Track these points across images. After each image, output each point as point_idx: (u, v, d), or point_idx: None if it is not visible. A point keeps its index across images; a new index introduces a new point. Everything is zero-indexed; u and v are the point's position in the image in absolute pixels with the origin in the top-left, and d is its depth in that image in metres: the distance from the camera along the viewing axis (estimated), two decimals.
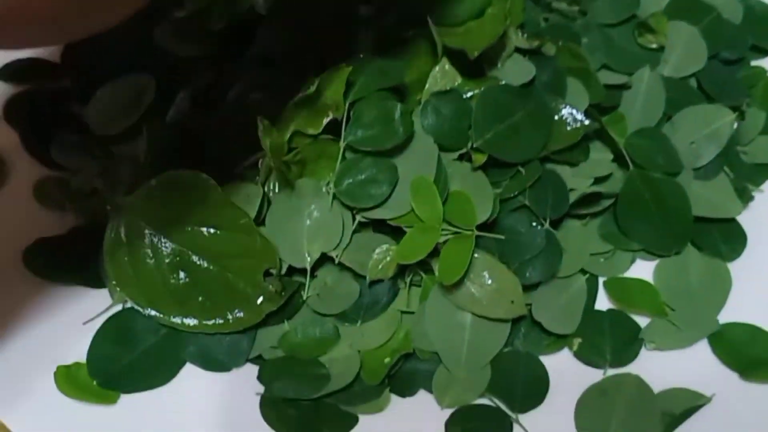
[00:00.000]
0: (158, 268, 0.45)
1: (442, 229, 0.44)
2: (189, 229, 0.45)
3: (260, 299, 0.45)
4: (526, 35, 0.51)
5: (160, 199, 0.45)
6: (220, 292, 0.45)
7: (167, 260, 0.45)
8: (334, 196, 0.45)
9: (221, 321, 0.45)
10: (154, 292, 0.45)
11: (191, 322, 0.45)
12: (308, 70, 0.47)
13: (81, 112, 0.53)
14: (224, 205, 0.45)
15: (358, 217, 0.45)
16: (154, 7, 0.54)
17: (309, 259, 0.45)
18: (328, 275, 0.46)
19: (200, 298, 0.45)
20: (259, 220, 0.46)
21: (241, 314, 0.45)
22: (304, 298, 0.45)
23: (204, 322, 0.45)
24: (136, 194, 0.45)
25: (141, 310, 0.45)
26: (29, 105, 0.55)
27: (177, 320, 0.45)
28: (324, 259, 0.46)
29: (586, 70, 0.50)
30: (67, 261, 0.48)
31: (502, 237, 0.46)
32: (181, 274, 0.45)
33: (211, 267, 0.45)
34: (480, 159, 0.46)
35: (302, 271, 0.45)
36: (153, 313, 0.45)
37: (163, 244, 0.45)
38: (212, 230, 0.45)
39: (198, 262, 0.45)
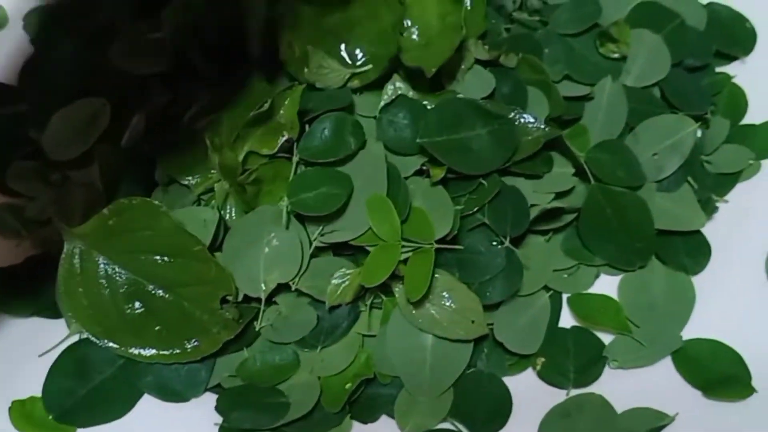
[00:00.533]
0: (113, 298, 0.44)
1: (402, 246, 0.44)
2: (143, 257, 0.44)
3: (217, 327, 0.44)
4: (487, 46, 0.50)
5: (113, 227, 0.44)
6: (177, 321, 0.44)
7: (122, 290, 0.44)
8: (289, 215, 0.44)
9: (179, 351, 0.44)
10: (111, 323, 0.44)
11: (148, 352, 0.44)
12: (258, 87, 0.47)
13: (37, 137, 0.52)
14: (177, 232, 0.44)
15: (315, 242, 0.44)
16: (109, 26, 0.54)
17: (264, 288, 0.44)
18: (284, 302, 0.45)
19: (157, 328, 0.44)
20: (216, 245, 0.46)
21: (199, 343, 0.44)
22: (257, 328, 0.45)
23: (161, 352, 0.44)
24: (88, 223, 0.44)
25: (97, 341, 0.44)
26: None
27: (134, 351, 0.44)
28: (281, 286, 0.45)
29: (546, 83, 0.49)
30: (22, 291, 0.48)
31: (461, 248, 0.45)
32: (137, 304, 0.44)
33: (167, 296, 0.44)
34: (438, 173, 0.46)
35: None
36: (110, 344, 0.44)
37: (117, 274, 0.44)
38: (166, 258, 0.44)
39: (153, 291, 0.44)
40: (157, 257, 0.44)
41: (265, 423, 0.43)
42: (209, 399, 0.45)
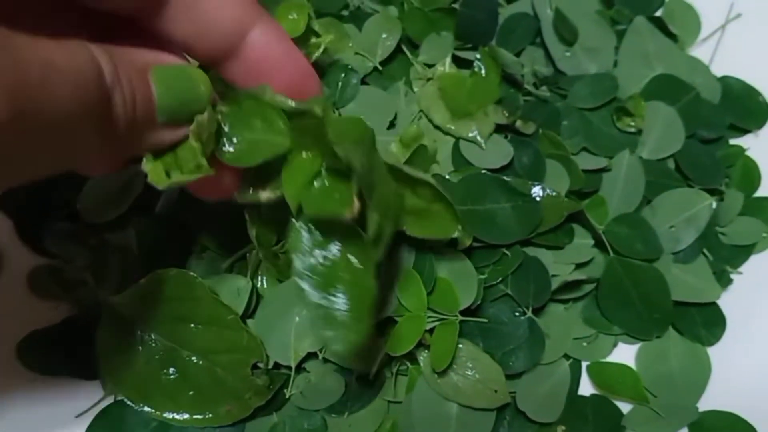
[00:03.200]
0: (149, 364, 0.46)
1: (428, 317, 0.45)
2: (178, 326, 0.46)
3: (248, 394, 0.45)
4: (505, 111, 0.52)
5: (149, 297, 0.46)
6: (210, 387, 0.46)
7: (157, 356, 0.46)
8: None
9: (211, 415, 0.45)
10: (146, 388, 0.46)
11: (182, 416, 0.46)
12: None
13: (73, 200, 0.54)
14: (211, 302, 0.45)
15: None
16: None
17: (294, 357, 0.45)
18: (313, 369, 0.47)
19: (191, 393, 0.46)
20: (248, 313, 0.47)
21: (231, 408, 0.45)
22: (287, 396, 0.46)
23: (195, 417, 0.46)
24: (125, 293, 0.46)
25: (133, 405, 0.46)
26: (23, 193, 0.56)
27: (168, 415, 0.46)
28: (310, 353, 0.46)
29: (565, 157, 0.51)
30: (60, 353, 0.49)
31: (486, 321, 0.47)
32: (171, 370, 0.46)
33: (200, 362, 0.46)
34: (466, 241, 0.48)
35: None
36: (145, 408, 0.46)
37: (153, 341, 0.46)
38: (200, 326, 0.46)
39: (187, 358, 0.46)
40: (192, 326, 0.46)
41: None
42: None
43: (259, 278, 0.48)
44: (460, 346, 0.46)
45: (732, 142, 0.57)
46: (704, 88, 0.56)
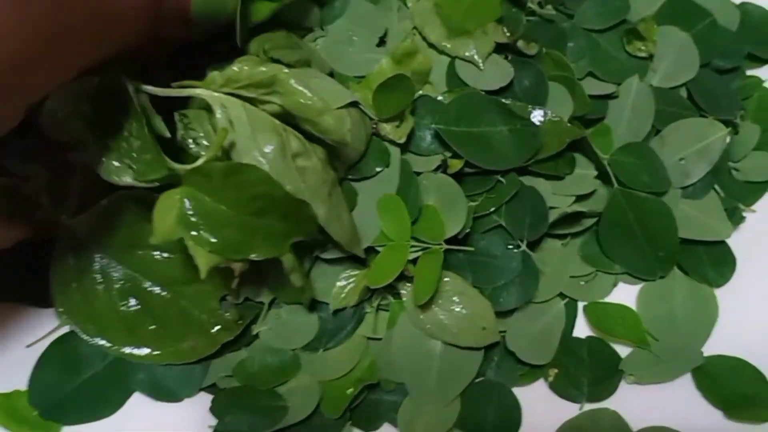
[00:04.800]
0: (108, 294, 0.42)
1: (411, 246, 0.42)
2: (140, 252, 0.42)
3: (216, 328, 0.42)
4: (505, 29, 0.47)
5: (112, 220, 0.42)
6: (173, 320, 0.42)
7: (117, 286, 0.42)
8: None
9: (173, 350, 0.42)
10: (104, 320, 0.42)
11: (142, 351, 0.42)
12: None
13: (34, 114, 0.50)
14: None
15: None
16: None
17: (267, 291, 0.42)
18: (286, 305, 0.43)
19: (152, 327, 0.42)
20: None
21: (196, 343, 0.42)
22: (254, 332, 0.42)
23: (155, 352, 0.42)
24: (85, 215, 0.42)
25: (89, 338, 0.42)
26: None
27: (127, 350, 0.42)
28: None
29: (570, 79, 0.47)
30: (12, 277, 0.45)
31: (472, 249, 0.43)
32: (132, 301, 0.42)
33: (164, 293, 0.42)
34: (456, 165, 0.44)
35: None
36: (102, 342, 0.42)
37: (113, 269, 0.42)
38: (165, 254, 0.42)
39: (150, 288, 0.42)
40: (156, 253, 0.42)
41: (262, 427, 0.41)
42: (204, 399, 0.43)
43: None
44: (447, 279, 0.42)
45: (749, 72, 0.53)
46: (721, 14, 0.52)
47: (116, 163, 0.37)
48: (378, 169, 0.43)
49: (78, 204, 0.46)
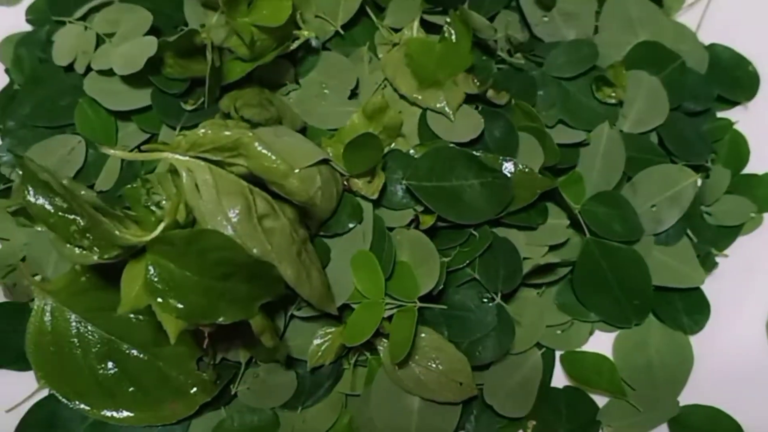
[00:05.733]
0: (86, 358, 0.42)
1: (386, 303, 0.42)
2: (116, 316, 0.42)
3: (194, 389, 0.42)
4: (475, 80, 0.48)
5: (85, 283, 0.42)
6: (152, 383, 0.42)
7: (95, 349, 0.42)
8: None
9: (153, 414, 0.42)
10: (82, 384, 0.42)
11: (122, 414, 0.42)
12: None
13: (11, 175, 0.50)
14: None
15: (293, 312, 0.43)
16: None
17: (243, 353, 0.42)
18: (263, 364, 0.43)
19: (131, 389, 0.42)
20: None
21: (175, 406, 0.42)
22: (233, 391, 0.43)
23: (135, 415, 0.42)
24: (59, 278, 0.42)
25: (68, 402, 0.42)
26: None
27: (107, 413, 0.42)
28: None
29: (539, 131, 0.47)
30: None
31: (445, 307, 0.44)
32: (110, 364, 0.42)
33: (142, 356, 0.42)
34: (428, 221, 0.44)
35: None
36: (81, 406, 0.42)
37: (89, 333, 0.42)
38: (140, 317, 0.42)
39: (127, 351, 0.42)
40: (132, 316, 0.42)
41: None
42: None
43: None
44: (423, 335, 0.43)
45: (719, 114, 0.53)
46: (691, 57, 0.53)
47: (77, 250, 0.37)
48: (350, 225, 0.44)
49: (54, 265, 0.46)
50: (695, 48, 0.53)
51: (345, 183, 0.44)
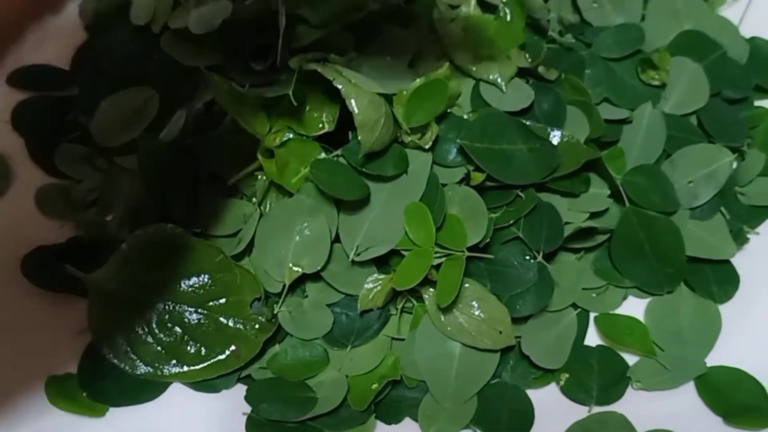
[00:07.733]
0: (150, 331, 0.45)
1: (435, 252, 0.45)
2: (168, 283, 0.45)
3: (254, 332, 0.45)
4: (527, 55, 0.51)
5: (134, 263, 0.45)
6: (213, 337, 0.45)
7: (155, 321, 0.45)
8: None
9: (221, 362, 0.45)
10: (149, 355, 0.45)
11: (188, 369, 0.45)
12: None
13: (87, 122, 0.53)
14: (197, 248, 0.45)
15: (352, 257, 0.45)
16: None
17: (289, 275, 0.45)
18: (311, 294, 0.46)
19: (193, 350, 0.45)
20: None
21: (238, 349, 0.45)
22: (275, 311, 0.45)
23: (203, 368, 0.45)
24: (109, 265, 0.45)
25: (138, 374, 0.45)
26: (36, 112, 0.55)
27: (175, 370, 0.45)
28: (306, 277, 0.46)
29: (587, 104, 0.50)
30: (64, 270, 0.48)
31: (492, 257, 0.46)
32: (173, 330, 0.45)
33: (200, 315, 0.45)
34: (478, 178, 0.47)
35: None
36: (149, 369, 0.45)
37: (148, 311, 0.45)
38: (192, 279, 0.45)
39: (187, 314, 0.45)
40: (183, 280, 0.45)
41: (293, 416, 0.44)
42: (239, 389, 0.46)
43: (266, 203, 0.47)
44: (467, 285, 0.45)
45: (757, 103, 0.56)
46: (732, 48, 0.55)
47: None
48: (394, 172, 0.46)
49: (124, 206, 0.49)
50: (736, 40, 0.56)
51: (398, 135, 0.47)
